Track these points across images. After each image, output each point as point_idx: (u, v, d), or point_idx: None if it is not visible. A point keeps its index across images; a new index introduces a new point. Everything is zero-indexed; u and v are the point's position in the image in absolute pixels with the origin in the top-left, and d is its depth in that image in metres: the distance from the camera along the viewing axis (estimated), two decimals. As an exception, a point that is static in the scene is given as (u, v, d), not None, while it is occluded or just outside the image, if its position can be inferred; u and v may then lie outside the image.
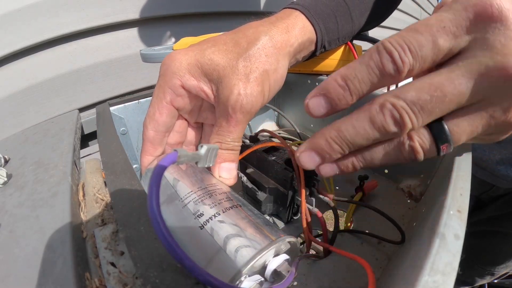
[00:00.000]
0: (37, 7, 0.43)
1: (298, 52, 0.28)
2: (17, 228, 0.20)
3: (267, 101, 0.24)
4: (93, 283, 0.16)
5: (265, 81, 0.23)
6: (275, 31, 0.25)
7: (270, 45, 0.24)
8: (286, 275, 0.17)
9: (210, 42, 0.24)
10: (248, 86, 0.22)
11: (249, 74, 0.22)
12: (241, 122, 0.23)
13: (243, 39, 0.23)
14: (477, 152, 0.48)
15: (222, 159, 0.24)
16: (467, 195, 0.17)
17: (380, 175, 0.39)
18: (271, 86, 0.24)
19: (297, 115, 0.50)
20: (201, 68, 0.23)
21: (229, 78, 0.22)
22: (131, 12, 0.52)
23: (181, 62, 0.23)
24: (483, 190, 0.54)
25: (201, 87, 0.24)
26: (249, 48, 0.23)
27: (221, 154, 0.24)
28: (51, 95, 0.47)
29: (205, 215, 0.19)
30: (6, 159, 0.29)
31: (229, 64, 0.22)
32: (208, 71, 0.23)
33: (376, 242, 0.28)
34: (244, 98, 0.22)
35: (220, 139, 0.24)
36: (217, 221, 0.18)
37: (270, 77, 0.23)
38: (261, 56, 0.23)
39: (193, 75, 0.23)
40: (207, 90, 0.24)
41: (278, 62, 0.24)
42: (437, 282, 0.12)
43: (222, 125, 0.23)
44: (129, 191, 0.21)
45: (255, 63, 0.23)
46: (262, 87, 0.23)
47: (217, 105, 0.24)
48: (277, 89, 0.25)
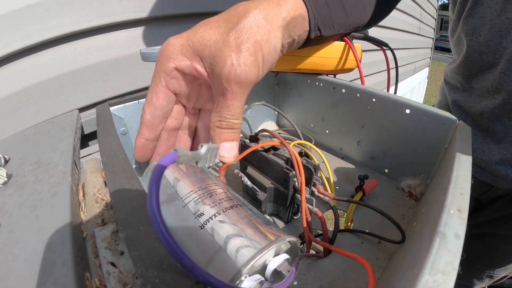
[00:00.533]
0: (37, 7, 0.43)
1: (292, 28, 0.28)
2: (17, 228, 0.20)
3: (262, 74, 0.24)
4: (93, 283, 0.16)
5: (258, 51, 0.23)
6: (266, 5, 0.25)
7: (260, 17, 0.23)
8: (286, 275, 0.17)
9: (202, 23, 0.24)
10: (240, 56, 0.22)
11: (241, 45, 0.22)
12: (237, 94, 0.23)
13: (234, 15, 0.24)
14: (477, 153, 0.48)
15: (222, 138, 0.24)
16: (467, 195, 0.17)
17: (380, 175, 0.39)
18: (264, 57, 0.24)
19: (297, 115, 0.50)
20: (193, 47, 0.23)
21: (221, 51, 0.22)
22: (131, 12, 0.52)
23: (174, 44, 0.24)
24: (482, 191, 0.54)
25: (194, 66, 0.24)
26: (239, 21, 0.23)
27: (220, 133, 0.24)
28: (51, 95, 0.47)
29: (205, 214, 0.19)
30: (6, 159, 0.29)
31: (220, 39, 0.22)
32: (200, 49, 0.23)
33: (376, 242, 0.28)
34: (237, 67, 0.22)
35: (218, 117, 0.24)
36: (217, 221, 0.18)
37: (262, 47, 0.23)
38: (252, 27, 0.23)
39: (185, 55, 0.24)
40: (200, 69, 0.24)
41: (270, 32, 0.24)
42: (438, 281, 0.12)
43: (219, 101, 0.23)
44: (129, 191, 0.21)
45: (246, 34, 0.22)
46: (255, 57, 0.23)
47: (213, 82, 0.24)
48: (271, 62, 0.25)
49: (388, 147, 0.37)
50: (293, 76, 0.47)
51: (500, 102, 0.42)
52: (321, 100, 0.44)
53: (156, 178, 0.13)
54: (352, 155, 0.43)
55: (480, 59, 0.44)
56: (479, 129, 0.48)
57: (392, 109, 0.35)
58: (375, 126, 0.38)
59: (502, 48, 0.40)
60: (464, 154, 0.22)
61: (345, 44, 0.41)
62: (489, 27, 0.41)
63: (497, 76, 0.41)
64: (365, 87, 0.38)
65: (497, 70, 0.41)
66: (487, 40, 0.42)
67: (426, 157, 0.33)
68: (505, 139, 0.44)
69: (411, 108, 0.33)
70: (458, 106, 0.52)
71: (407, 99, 0.33)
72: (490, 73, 0.43)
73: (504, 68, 0.40)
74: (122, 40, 0.54)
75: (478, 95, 0.46)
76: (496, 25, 0.40)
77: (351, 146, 0.42)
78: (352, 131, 0.41)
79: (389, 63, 0.51)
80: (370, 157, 0.40)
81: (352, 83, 0.39)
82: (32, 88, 0.45)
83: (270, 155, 0.30)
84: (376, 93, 0.36)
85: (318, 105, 0.44)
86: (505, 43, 0.39)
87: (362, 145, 0.40)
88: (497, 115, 0.44)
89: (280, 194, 0.30)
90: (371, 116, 0.38)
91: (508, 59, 0.39)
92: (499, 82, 0.41)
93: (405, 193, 0.35)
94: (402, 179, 0.36)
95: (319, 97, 0.44)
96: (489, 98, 0.44)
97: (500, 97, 0.42)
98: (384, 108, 0.35)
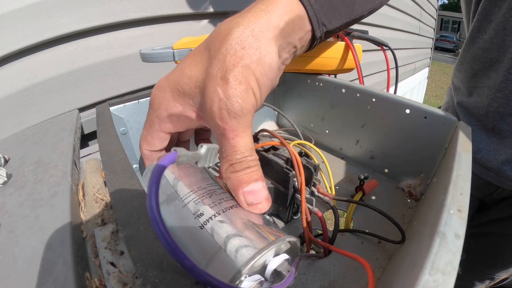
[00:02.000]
0: (37, 7, 0.43)
1: (289, 34, 0.23)
2: (17, 228, 0.20)
3: (261, 98, 0.21)
4: (93, 283, 0.16)
5: (249, 76, 0.20)
6: (251, 17, 0.21)
7: (246, 35, 0.20)
8: (286, 275, 0.17)
9: (189, 55, 0.22)
10: (228, 88, 0.19)
11: (226, 75, 0.19)
12: (238, 129, 0.20)
13: (216, 40, 0.21)
14: (482, 153, 0.47)
15: (243, 183, 0.20)
16: (467, 195, 0.17)
17: (380, 175, 0.39)
18: (259, 81, 0.20)
19: (297, 115, 0.50)
20: (183, 91, 0.21)
21: (207, 88, 0.20)
22: (131, 12, 0.52)
23: (164, 91, 0.22)
24: (487, 192, 0.54)
25: (186, 114, 0.22)
26: (221, 47, 0.20)
27: (237, 177, 0.20)
28: (51, 95, 0.47)
29: (205, 214, 0.19)
30: (6, 159, 0.29)
31: (206, 73, 0.20)
32: (190, 91, 0.21)
33: (376, 242, 0.28)
34: (227, 102, 0.19)
35: (228, 162, 0.20)
36: (217, 221, 0.18)
37: (254, 71, 0.20)
38: (237, 51, 0.20)
39: (177, 101, 0.22)
40: (192, 114, 0.22)
41: (259, 51, 0.20)
42: (438, 281, 0.12)
43: (222, 144, 0.20)
44: (129, 191, 0.21)
45: (230, 61, 0.19)
46: (247, 84, 0.20)
47: (209, 124, 0.21)
48: (269, 83, 0.22)
49: (388, 147, 0.37)
50: (293, 76, 0.47)
51: (505, 100, 0.42)
52: (321, 100, 0.44)
53: (156, 178, 0.13)
54: (352, 155, 0.43)
55: (483, 56, 0.44)
56: (484, 129, 0.48)
57: (392, 109, 0.34)
58: (375, 126, 0.38)
59: (506, 46, 0.40)
60: (464, 154, 0.22)
61: (345, 44, 0.41)
62: (493, 25, 0.41)
63: (501, 74, 0.41)
64: (365, 87, 0.38)
65: (501, 68, 0.41)
66: (491, 37, 0.42)
67: (426, 157, 0.33)
68: (511, 138, 0.44)
69: (411, 108, 0.33)
70: (463, 107, 0.52)
71: (407, 99, 0.33)
72: (493, 72, 0.43)
73: (508, 66, 0.40)
74: (122, 40, 0.54)
75: (481, 94, 0.46)
76: (501, 23, 0.40)
77: (351, 146, 0.42)
78: (352, 131, 0.41)
79: (389, 63, 0.51)
80: (370, 157, 0.40)
81: (352, 83, 0.39)
82: (32, 88, 0.45)
83: (270, 155, 0.30)
84: (376, 93, 0.36)
85: (318, 105, 0.44)
86: (509, 41, 0.39)
87: (362, 145, 0.40)
88: (502, 114, 0.44)
89: (280, 194, 0.30)
90: (371, 116, 0.38)
91: None
92: (503, 80, 0.41)
93: (405, 193, 0.35)
94: (402, 179, 0.36)
95: (319, 97, 0.44)
96: (492, 97, 0.44)
97: (504, 95, 0.42)
98: (384, 108, 0.35)
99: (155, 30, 0.58)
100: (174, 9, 0.58)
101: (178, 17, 0.60)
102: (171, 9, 0.58)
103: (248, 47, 0.20)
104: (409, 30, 2.31)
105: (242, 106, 0.19)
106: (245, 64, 0.20)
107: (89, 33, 0.49)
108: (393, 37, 1.96)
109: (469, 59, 0.48)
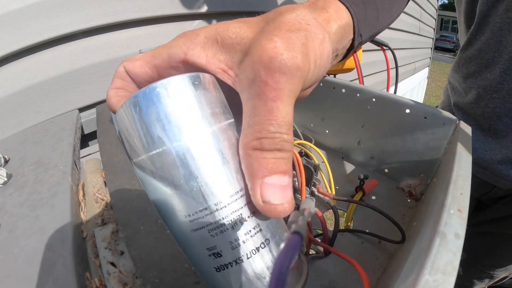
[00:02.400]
0: (37, 7, 0.43)
1: (339, 39, 0.21)
2: (17, 228, 0.20)
3: (314, 77, 0.17)
4: (93, 283, 0.16)
5: (310, 46, 0.16)
6: (312, 8, 0.19)
7: (310, 17, 0.17)
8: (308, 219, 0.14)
9: (237, 20, 0.18)
10: (287, 40, 0.15)
11: (287, 32, 0.15)
12: (283, 89, 0.15)
13: (275, 12, 0.18)
14: (479, 152, 0.48)
15: (266, 170, 0.14)
16: (467, 195, 0.17)
17: (380, 175, 0.39)
18: (317, 58, 0.16)
19: (297, 115, 0.50)
20: (221, 43, 0.17)
21: (259, 39, 0.16)
22: (131, 12, 0.52)
23: (197, 34, 0.17)
24: (484, 191, 0.54)
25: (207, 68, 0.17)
26: (285, 13, 0.17)
27: (262, 159, 0.15)
28: (51, 95, 0.47)
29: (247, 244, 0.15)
30: (6, 159, 0.29)
31: (261, 32, 0.16)
32: (231, 46, 0.17)
33: (376, 242, 0.28)
34: (283, 52, 0.15)
35: (256, 133, 0.15)
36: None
37: (315, 43, 0.16)
38: (301, 23, 0.16)
39: (206, 51, 0.17)
40: (213, 71, 0.17)
41: (323, 34, 0.17)
42: (438, 281, 0.12)
43: (255, 107, 0.15)
44: (129, 191, 0.21)
45: (294, 25, 0.16)
46: (307, 49, 0.16)
47: (241, 82, 0.16)
48: (322, 71, 0.18)
49: (388, 147, 0.37)
50: (293, 76, 0.47)
51: (501, 101, 0.42)
52: (321, 100, 0.44)
53: None
54: (352, 155, 0.43)
55: (480, 56, 0.44)
56: (481, 129, 0.48)
57: (392, 109, 0.34)
58: (375, 126, 0.38)
59: (503, 47, 0.40)
60: (464, 153, 0.22)
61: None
62: (490, 26, 0.41)
63: (497, 75, 0.41)
64: (365, 87, 0.38)
65: (497, 69, 0.41)
66: (487, 39, 0.42)
67: (426, 157, 0.33)
68: (506, 138, 0.44)
69: (411, 108, 0.33)
70: (459, 107, 0.52)
71: (407, 99, 0.33)
72: (489, 72, 0.43)
73: (504, 67, 0.40)
74: (122, 40, 0.54)
75: (477, 95, 0.46)
76: (497, 24, 0.40)
77: (351, 146, 0.42)
78: (352, 131, 0.41)
79: (389, 63, 0.51)
80: (370, 157, 0.40)
81: (352, 83, 0.39)
82: (32, 88, 0.45)
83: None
84: (376, 93, 0.36)
85: (318, 105, 0.44)
86: (505, 42, 0.39)
87: (362, 145, 0.40)
88: (499, 115, 0.44)
89: (280, 194, 0.30)
90: (371, 116, 0.38)
91: (509, 58, 0.39)
92: (499, 81, 0.41)
93: (405, 193, 0.35)
94: (402, 179, 0.36)
95: (319, 97, 0.44)
96: (489, 97, 0.44)
97: (500, 96, 0.42)
98: (384, 108, 0.35)
99: (155, 30, 0.58)
100: (174, 9, 0.58)
101: (178, 17, 0.60)
102: (171, 9, 0.58)
103: (313, 25, 0.17)
104: (409, 30, 2.31)
105: (299, 65, 0.15)
106: (309, 36, 0.16)
107: (89, 33, 0.49)
108: (393, 37, 1.96)
109: (466, 59, 0.48)
